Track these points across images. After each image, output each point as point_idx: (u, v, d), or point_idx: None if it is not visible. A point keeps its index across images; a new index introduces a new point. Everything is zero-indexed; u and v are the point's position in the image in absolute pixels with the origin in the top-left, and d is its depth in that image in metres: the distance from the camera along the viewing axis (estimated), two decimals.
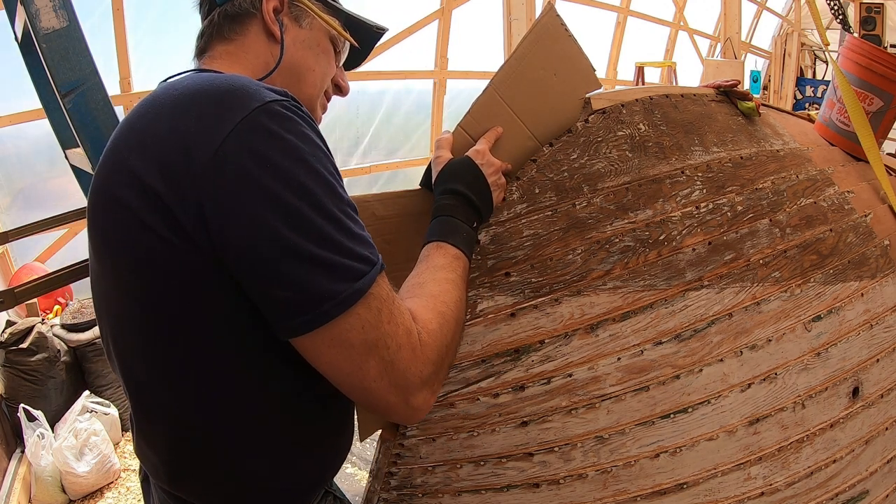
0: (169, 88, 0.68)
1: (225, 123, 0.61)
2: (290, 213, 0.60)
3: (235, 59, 0.81)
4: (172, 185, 0.61)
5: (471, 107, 0.95)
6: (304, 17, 0.85)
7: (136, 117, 0.68)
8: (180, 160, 0.61)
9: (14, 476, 2.33)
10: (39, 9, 1.54)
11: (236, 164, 0.60)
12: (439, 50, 4.99)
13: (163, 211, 0.61)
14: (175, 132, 0.62)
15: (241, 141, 0.60)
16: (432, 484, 0.89)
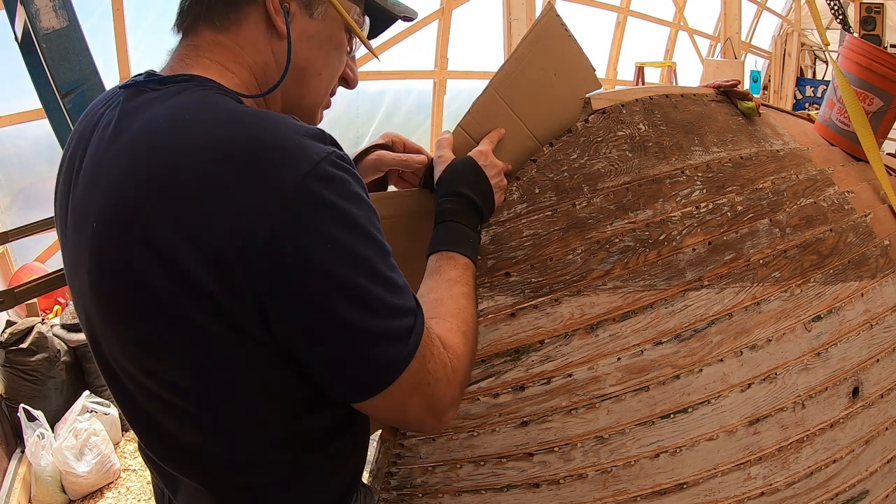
0: (177, 132, 0.59)
1: (276, 196, 0.54)
2: (352, 292, 0.58)
3: (228, 55, 0.68)
4: (221, 274, 0.55)
5: (471, 107, 0.95)
6: (317, 5, 0.70)
7: (140, 166, 0.59)
8: (228, 245, 0.54)
9: (14, 476, 2.33)
10: (39, 9, 1.54)
11: (295, 248, 0.55)
12: (439, 50, 4.99)
13: (207, 302, 0.56)
14: (215, 204, 0.55)
15: (298, 218, 0.55)
16: (432, 484, 0.89)
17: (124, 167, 0.60)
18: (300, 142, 0.58)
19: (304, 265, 0.55)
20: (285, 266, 0.55)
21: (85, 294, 0.64)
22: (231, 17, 0.68)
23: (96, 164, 0.63)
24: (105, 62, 3.27)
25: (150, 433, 0.69)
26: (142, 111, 0.62)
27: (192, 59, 0.68)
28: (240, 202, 0.55)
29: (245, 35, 0.69)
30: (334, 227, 0.57)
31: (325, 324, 0.57)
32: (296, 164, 0.56)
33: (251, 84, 0.71)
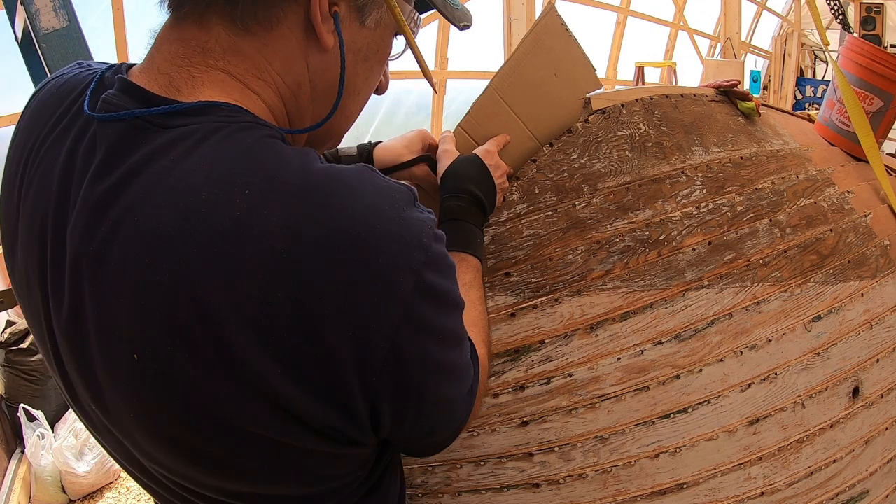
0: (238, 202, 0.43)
1: (391, 301, 0.45)
2: (452, 371, 0.55)
3: (249, 67, 0.51)
4: (336, 399, 0.47)
5: (471, 107, 0.95)
6: (372, 10, 0.55)
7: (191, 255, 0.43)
8: (348, 367, 0.45)
9: (14, 476, 2.33)
10: (39, 9, 1.54)
11: (417, 350, 0.48)
12: (439, 50, 4.99)
13: (309, 427, 0.48)
14: (323, 321, 0.43)
15: (419, 319, 0.47)
16: (432, 484, 0.89)
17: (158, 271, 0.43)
18: (406, 220, 0.47)
19: (422, 365, 0.49)
20: (406, 372, 0.48)
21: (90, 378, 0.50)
22: (260, 14, 0.50)
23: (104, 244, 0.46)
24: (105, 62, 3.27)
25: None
26: (152, 167, 0.46)
27: (199, 67, 0.50)
28: (349, 313, 0.44)
29: (275, 43, 0.52)
30: (445, 316, 0.51)
31: (430, 405, 0.53)
32: (411, 254, 0.46)
33: (277, 110, 0.55)
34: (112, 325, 0.45)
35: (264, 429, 0.46)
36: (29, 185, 0.53)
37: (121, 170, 0.47)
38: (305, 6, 0.51)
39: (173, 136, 0.47)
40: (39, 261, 0.51)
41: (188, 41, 0.51)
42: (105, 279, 0.45)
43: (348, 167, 0.48)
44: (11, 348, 2.55)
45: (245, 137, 0.47)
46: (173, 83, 0.50)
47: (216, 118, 0.48)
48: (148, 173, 0.46)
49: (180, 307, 0.43)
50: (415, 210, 0.49)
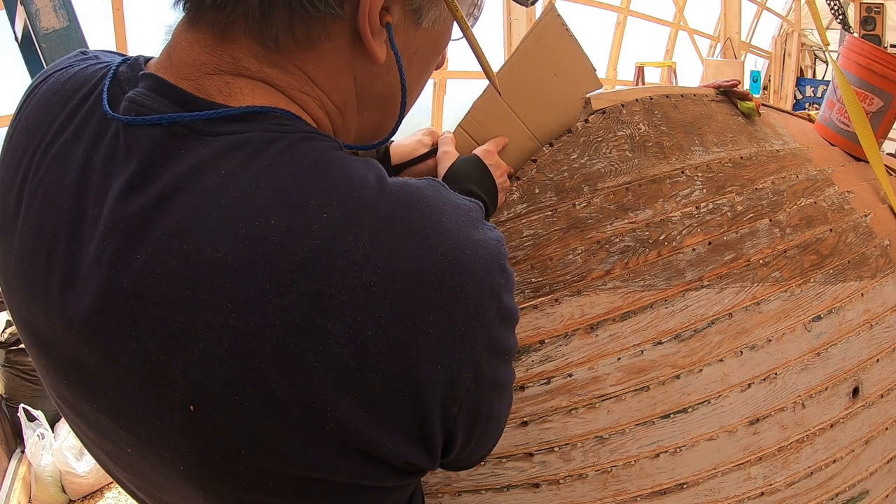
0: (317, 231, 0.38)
1: (478, 329, 0.43)
2: (508, 385, 0.51)
3: (290, 80, 0.45)
4: (417, 435, 0.43)
5: (471, 107, 0.95)
6: (430, 8, 0.48)
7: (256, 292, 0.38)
8: (424, 398, 0.41)
9: (14, 476, 2.33)
10: (39, 9, 1.54)
11: (491, 376, 0.46)
12: None
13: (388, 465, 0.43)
14: (411, 349, 0.40)
15: (496, 344, 0.45)
16: (432, 484, 0.89)
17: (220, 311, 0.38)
18: (486, 242, 0.44)
19: (494, 388, 0.47)
20: (483, 397, 0.46)
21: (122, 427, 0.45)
22: (298, 33, 0.43)
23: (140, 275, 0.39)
24: None
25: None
26: (198, 182, 0.40)
27: (232, 76, 0.43)
28: (450, 347, 0.41)
29: (317, 61, 0.45)
30: (511, 335, 0.48)
31: (493, 424, 0.51)
32: (494, 279, 0.43)
33: (323, 125, 0.49)
34: (158, 373, 0.39)
35: (339, 475, 0.42)
36: (31, 199, 0.45)
37: (159, 184, 0.40)
38: (353, 19, 0.44)
39: (222, 146, 0.40)
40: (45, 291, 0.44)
41: (213, 48, 0.44)
42: (145, 320, 0.39)
43: (422, 183, 0.45)
44: (11, 348, 2.55)
45: (309, 150, 0.42)
46: (202, 89, 0.43)
47: (269, 126, 0.42)
48: (195, 190, 0.39)
49: (252, 354, 0.38)
50: (486, 228, 0.46)
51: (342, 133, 0.52)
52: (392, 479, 0.45)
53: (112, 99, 0.45)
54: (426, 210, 0.42)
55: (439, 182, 0.47)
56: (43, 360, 0.48)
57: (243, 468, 0.41)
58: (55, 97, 0.49)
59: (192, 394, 0.39)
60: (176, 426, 0.40)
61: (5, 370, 2.56)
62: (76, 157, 0.44)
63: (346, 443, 0.40)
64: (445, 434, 0.44)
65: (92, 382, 0.43)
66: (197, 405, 0.39)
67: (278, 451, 0.40)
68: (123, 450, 0.47)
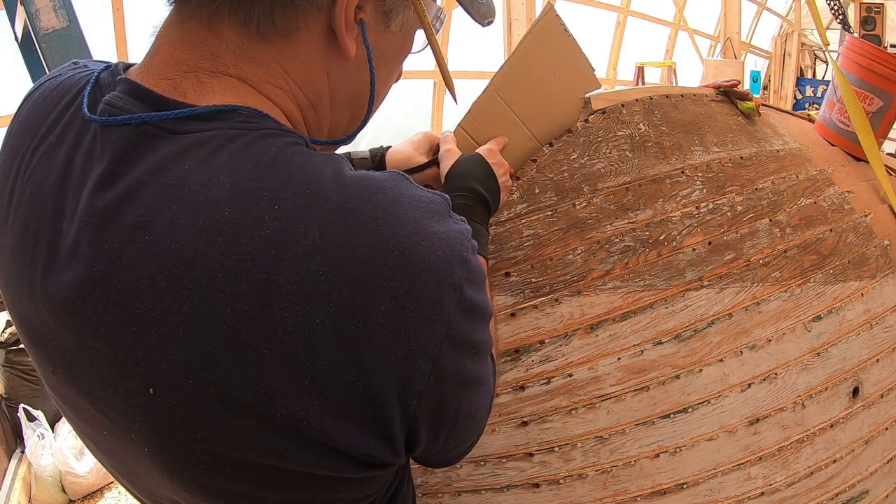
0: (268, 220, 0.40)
1: (435, 321, 0.43)
2: (481, 380, 0.51)
3: (264, 74, 0.47)
4: (375, 426, 0.44)
5: (471, 107, 0.95)
6: (399, 12, 0.52)
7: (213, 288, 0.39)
8: (389, 395, 0.42)
9: (14, 476, 2.33)
10: (39, 9, 1.55)
11: (455, 370, 0.46)
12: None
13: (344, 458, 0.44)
14: (362, 340, 0.40)
15: (458, 337, 0.45)
16: (432, 484, 0.89)
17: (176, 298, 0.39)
18: (447, 233, 0.44)
19: (460, 382, 0.47)
20: (446, 391, 0.46)
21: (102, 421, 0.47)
22: (278, 21, 0.45)
23: (107, 264, 0.42)
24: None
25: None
26: (162, 177, 0.42)
27: (208, 73, 0.46)
28: (403, 338, 0.41)
29: (294, 51, 0.47)
30: (480, 329, 0.48)
31: (464, 420, 0.50)
32: (454, 270, 0.43)
33: (295, 120, 0.51)
34: (123, 356, 0.41)
35: (294, 463, 0.43)
36: (20, 197, 0.48)
37: (127, 179, 0.42)
38: (329, 13, 0.47)
39: (186, 143, 0.42)
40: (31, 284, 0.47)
41: (194, 44, 0.46)
42: (112, 306, 0.41)
43: (383, 175, 0.45)
44: (11, 348, 2.55)
45: (269, 145, 0.43)
46: (178, 88, 0.45)
47: (234, 124, 0.44)
48: (158, 185, 0.41)
49: (204, 340, 0.39)
50: (451, 221, 0.46)
51: (315, 128, 0.54)
52: (352, 470, 0.45)
53: (92, 103, 0.47)
54: (381, 201, 0.42)
55: (402, 175, 0.47)
56: (33, 350, 0.50)
57: (200, 452, 0.42)
58: (44, 103, 0.52)
59: (152, 377, 0.41)
60: (139, 408, 0.42)
61: (5, 370, 2.56)
62: (59, 158, 0.47)
63: (298, 431, 0.41)
64: (407, 427, 0.45)
65: (72, 367, 0.45)
66: (155, 388, 0.41)
67: (232, 437, 0.41)
68: (101, 433, 0.49)
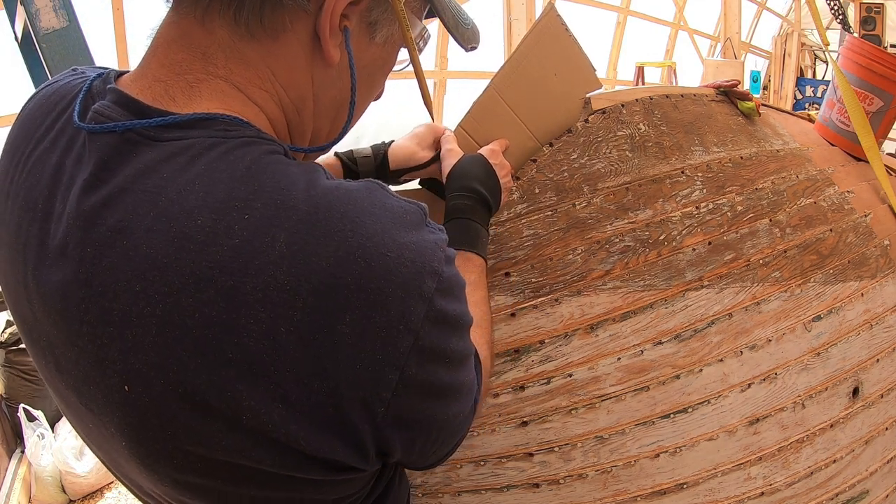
0: (238, 232, 0.41)
1: (402, 331, 0.43)
2: (456, 389, 0.51)
3: (252, 77, 0.48)
4: (339, 435, 0.44)
5: (471, 107, 0.95)
6: (384, 26, 0.53)
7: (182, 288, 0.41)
8: (353, 404, 0.43)
9: (14, 476, 2.33)
10: (39, 9, 1.55)
11: (423, 379, 0.46)
12: (439, 50, 4.99)
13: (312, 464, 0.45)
14: (326, 349, 0.41)
15: (426, 351, 0.45)
16: (432, 484, 0.89)
17: (150, 302, 0.41)
18: (418, 244, 0.45)
19: (430, 391, 0.47)
20: (415, 400, 0.46)
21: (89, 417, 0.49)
22: (266, 19, 0.47)
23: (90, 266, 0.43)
24: (105, 62, 3.26)
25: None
26: (142, 184, 0.43)
27: (198, 76, 0.47)
28: (367, 347, 0.42)
29: (280, 52, 0.49)
30: (455, 339, 0.48)
31: (439, 427, 0.51)
32: (423, 282, 0.44)
33: (279, 124, 0.52)
34: (102, 354, 0.43)
35: (262, 463, 0.44)
36: (15, 199, 0.50)
37: (110, 185, 0.44)
38: (315, 17, 0.48)
39: (167, 152, 0.44)
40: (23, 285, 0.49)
41: (188, 44, 0.48)
42: (93, 307, 0.43)
43: (356, 185, 0.45)
44: (11, 348, 2.55)
45: (245, 154, 0.44)
46: (169, 92, 0.47)
47: (213, 132, 0.45)
48: (138, 191, 0.43)
49: (174, 343, 0.41)
50: (426, 231, 0.46)
51: (298, 134, 0.55)
52: (319, 472, 0.46)
53: (83, 110, 0.49)
54: (350, 212, 0.43)
55: (377, 184, 0.47)
56: (29, 344, 0.52)
57: (172, 448, 0.44)
58: (40, 110, 0.54)
59: (128, 376, 0.43)
60: (116, 405, 0.44)
61: (5, 370, 2.56)
62: (51, 162, 0.49)
63: (264, 433, 0.42)
64: (376, 435, 0.45)
65: (60, 362, 0.48)
66: (131, 386, 0.43)
67: (202, 436, 0.43)
68: (88, 426, 0.51)
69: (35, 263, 0.47)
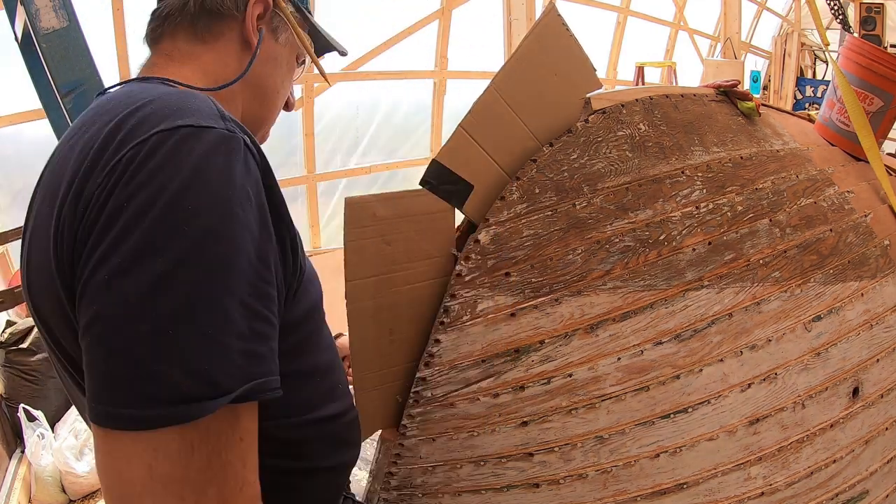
0: (107, 100, 0.58)
1: (124, 144, 0.50)
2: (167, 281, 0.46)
3: (198, 65, 0.70)
4: (63, 233, 0.51)
5: (472, 107, 0.95)
6: (283, 31, 0.77)
7: (71, 133, 0.60)
8: (68, 198, 0.51)
9: (14, 476, 2.33)
10: (39, 9, 1.54)
11: (114, 207, 0.48)
12: (439, 50, 4.98)
13: (60, 260, 0.52)
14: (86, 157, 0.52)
15: (131, 176, 0.48)
16: (432, 484, 0.89)
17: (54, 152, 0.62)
18: (199, 109, 0.53)
19: (111, 220, 0.47)
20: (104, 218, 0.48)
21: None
22: (212, 28, 0.71)
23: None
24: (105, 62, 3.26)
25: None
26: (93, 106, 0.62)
27: (161, 67, 0.69)
28: (92, 153, 0.51)
29: (220, 50, 0.71)
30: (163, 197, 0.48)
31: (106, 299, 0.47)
32: (172, 121, 0.51)
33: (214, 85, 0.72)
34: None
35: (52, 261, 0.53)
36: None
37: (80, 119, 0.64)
38: (242, 23, 0.72)
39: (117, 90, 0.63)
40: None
41: (159, 54, 0.71)
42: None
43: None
44: (11, 348, 2.55)
45: (149, 82, 0.65)
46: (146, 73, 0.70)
47: (144, 80, 0.66)
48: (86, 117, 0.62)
49: (52, 168, 0.63)
50: (228, 122, 0.56)
51: (228, 97, 0.72)
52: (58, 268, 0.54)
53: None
54: (179, 92, 0.60)
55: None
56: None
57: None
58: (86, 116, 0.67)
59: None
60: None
61: (5, 370, 2.55)
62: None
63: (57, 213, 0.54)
64: (76, 237, 0.52)
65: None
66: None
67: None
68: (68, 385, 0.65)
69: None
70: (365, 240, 0.86)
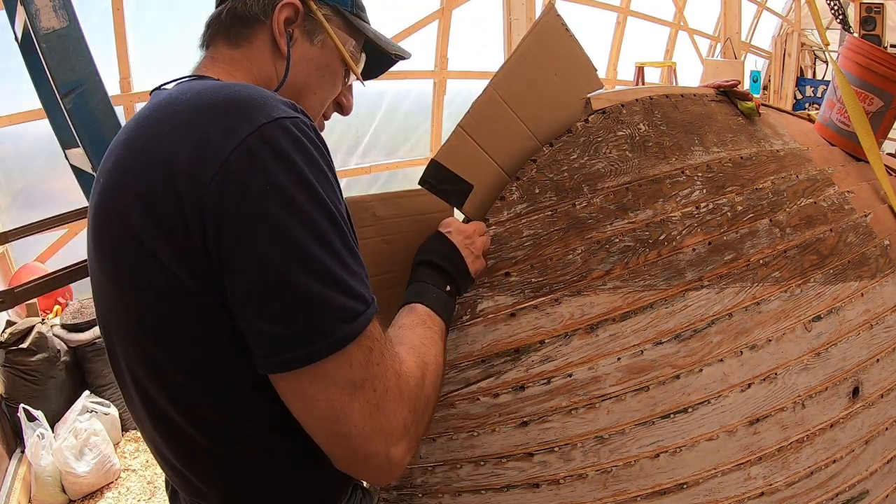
0: (171, 102, 0.64)
1: (230, 140, 0.58)
2: (292, 244, 0.57)
3: (237, 67, 0.76)
4: (177, 206, 0.58)
5: (471, 107, 0.95)
6: (318, 34, 0.79)
7: (138, 133, 0.64)
8: (185, 181, 0.57)
9: (14, 476, 2.33)
10: (39, 9, 1.54)
11: (240, 184, 0.57)
12: (439, 50, 4.98)
13: (168, 234, 0.59)
14: (179, 152, 0.59)
15: (246, 159, 0.57)
16: (432, 484, 0.89)
17: (126, 139, 0.65)
18: (267, 101, 0.61)
19: (246, 201, 0.57)
20: (228, 199, 0.57)
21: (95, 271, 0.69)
22: (243, 34, 0.76)
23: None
24: (105, 62, 3.26)
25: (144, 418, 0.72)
26: (152, 102, 0.69)
27: (206, 67, 0.76)
28: (199, 147, 0.58)
29: (254, 53, 0.76)
30: (282, 176, 0.58)
31: (259, 268, 0.57)
32: (257, 115, 0.59)
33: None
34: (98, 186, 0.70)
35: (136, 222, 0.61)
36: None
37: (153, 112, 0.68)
38: (271, 28, 0.75)
39: (181, 94, 0.66)
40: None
41: (205, 57, 0.79)
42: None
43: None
44: (11, 348, 2.55)
45: (210, 84, 0.67)
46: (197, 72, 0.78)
47: (196, 78, 0.74)
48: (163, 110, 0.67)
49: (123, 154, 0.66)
50: (291, 110, 0.62)
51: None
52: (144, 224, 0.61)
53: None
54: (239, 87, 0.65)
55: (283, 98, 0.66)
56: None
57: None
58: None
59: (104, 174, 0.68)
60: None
61: (5, 370, 2.55)
62: None
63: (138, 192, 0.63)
64: (190, 203, 0.58)
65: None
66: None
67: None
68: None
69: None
70: (364, 239, 0.86)
